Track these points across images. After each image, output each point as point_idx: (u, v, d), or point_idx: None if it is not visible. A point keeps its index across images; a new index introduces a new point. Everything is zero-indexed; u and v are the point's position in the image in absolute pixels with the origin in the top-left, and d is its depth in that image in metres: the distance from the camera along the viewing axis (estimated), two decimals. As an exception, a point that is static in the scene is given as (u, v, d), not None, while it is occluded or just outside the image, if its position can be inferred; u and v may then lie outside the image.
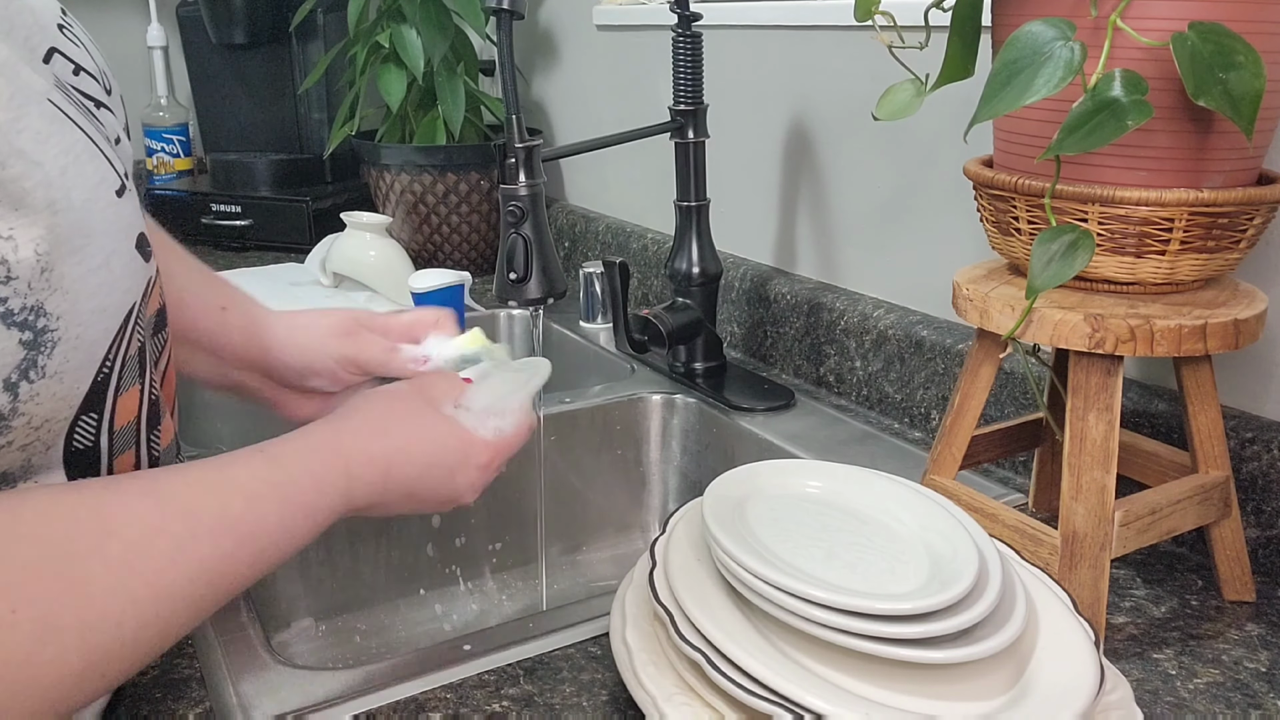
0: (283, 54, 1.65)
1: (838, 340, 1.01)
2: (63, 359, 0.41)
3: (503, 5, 0.77)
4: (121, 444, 0.48)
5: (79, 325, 0.41)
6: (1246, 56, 0.52)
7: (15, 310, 0.38)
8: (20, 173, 0.38)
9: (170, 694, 0.57)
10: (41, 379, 0.40)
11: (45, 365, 0.40)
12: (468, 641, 0.63)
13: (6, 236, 0.38)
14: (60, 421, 0.43)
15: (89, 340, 0.43)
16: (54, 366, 0.41)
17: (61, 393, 0.42)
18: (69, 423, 0.44)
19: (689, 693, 0.51)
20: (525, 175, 0.81)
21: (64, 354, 0.41)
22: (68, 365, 0.42)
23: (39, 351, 0.40)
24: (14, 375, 0.39)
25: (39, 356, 0.40)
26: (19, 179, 0.38)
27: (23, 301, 0.39)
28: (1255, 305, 0.60)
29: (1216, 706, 0.56)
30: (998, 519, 0.65)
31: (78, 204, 0.41)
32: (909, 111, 0.68)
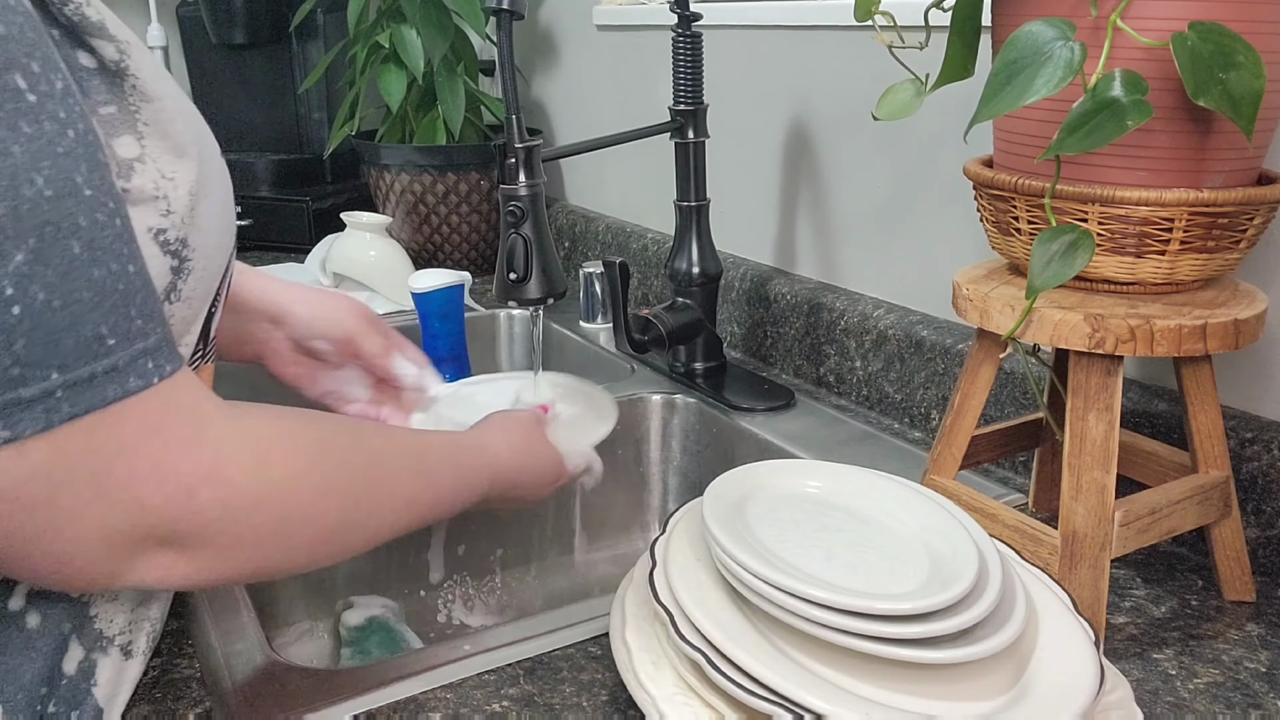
0: (283, 54, 1.65)
1: (838, 340, 1.01)
2: (193, 285, 0.50)
3: (503, 5, 0.77)
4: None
5: (206, 258, 0.51)
6: (1246, 56, 0.52)
7: (171, 240, 0.48)
8: (182, 128, 0.49)
9: (170, 694, 0.57)
10: (178, 301, 0.49)
11: (181, 289, 0.49)
12: (468, 641, 0.63)
13: (170, 177, 0.47)
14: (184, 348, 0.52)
15: (210, 272, 0.52)
16: (187, 291, 0.50)
17: (188, 317, 0.51)
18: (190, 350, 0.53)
19: (689, 693, 0.51)
20: (525, 175, 0.81)
21: (194, 281, 0.50)
22: (195, 292, 0.51)
23: (179, 277, 0.49)
24: (162, 295, 0.48)
25: (179, 281, 0.49)
26: (182, 133, 0.48)
27: (176, 233, 0.48)
28: (1255, 305, 0.60)
29: (1216, 706, 0.56)
30: (998, 519, 0.65)
31: (210, 157, 0.51)
32: (909, 111, 0.68)
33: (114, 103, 0.46)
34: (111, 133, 0.46)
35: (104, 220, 0.41)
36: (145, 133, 0.47)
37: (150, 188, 0.47)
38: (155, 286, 0.46)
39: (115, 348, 0.42)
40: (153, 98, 0.47)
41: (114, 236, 0.42)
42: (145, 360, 0.43)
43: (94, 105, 0.45)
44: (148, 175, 0.47)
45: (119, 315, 0.42)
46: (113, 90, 0.46)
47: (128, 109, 0.46)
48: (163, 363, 0.44)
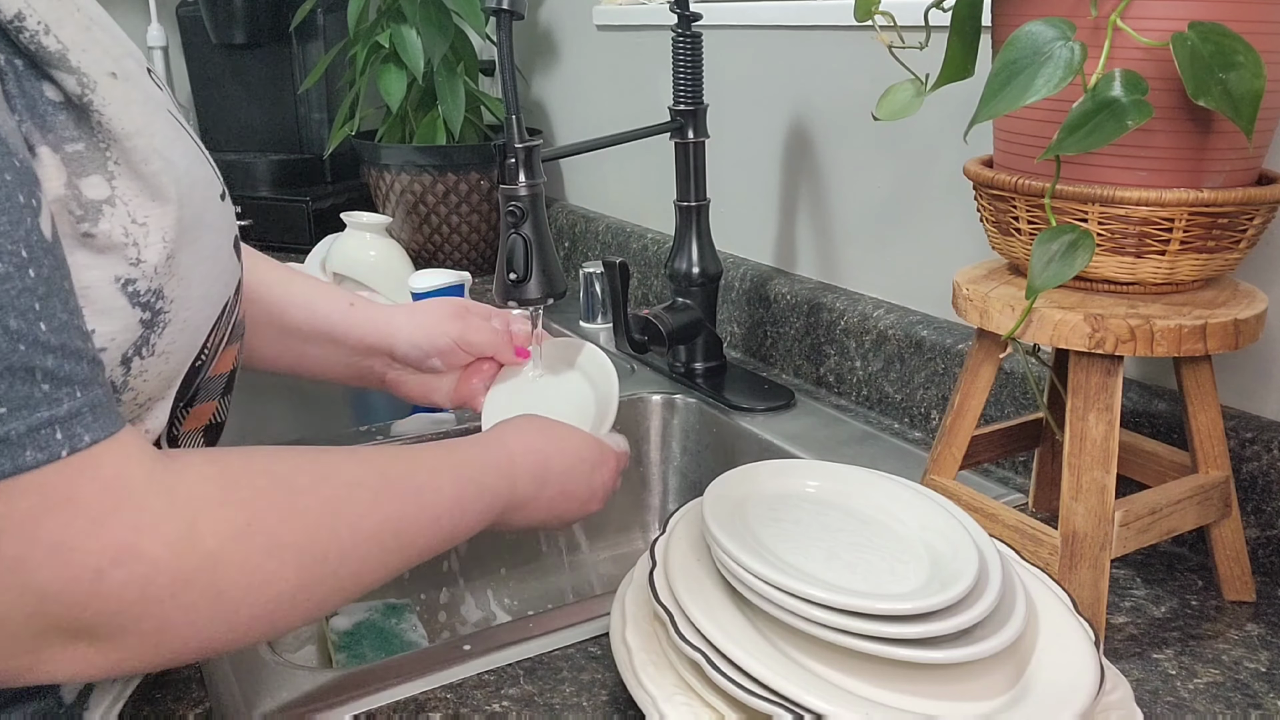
0: (283, 54, 1.65)
1: (838, 340, 1.01)
2: (170, 340, 0.46)
3: (503, 5, 0.77)
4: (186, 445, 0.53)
5: (188, 310, 0.47)
6: (1246, 56, 0.52)
7: (141, 291, 0.44)
8: (159, 169, 0.45)
9: (170, 694, 0.57)
10: (151, 356, 0.45)
11: (155, 344, 0.45)
12: (468, 641, 0.63)
13: (141, 223, 0.44)
14: (162, 403, 0.49)
15: (194, 326, 0.48)
16: (163, 346, 0.46)
17: (166, 372, 0.47)
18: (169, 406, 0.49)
19: (689, 693, 0.51)
20: (525, 175, 0.81)
21: (172, 335, 0.46)
22: (174, 346, 0.47)
23: (152, 331, 0.45)
24: (129, 350, 0.44)
25: (151, 335, 0.45)
26: (158, 174, 0.44)
27: (148, 284, 0.44)
28: (1255, 305, 0.60)
29: (1216, 706, 0.56)
30: (998, 519, 0.65)
31: (197, 200, 0.47)
32: (909, 111, 0.68)
33: (82, 139, 0.42)
34: (79, 171, 0.42)
35: (6, 272, 0.37)
36: (116, 172, 0.43)
37: (119, 234, 0.43)
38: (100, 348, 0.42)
39: (6, 417, 0.36)
40: (121, 136, 0.43)
41: (20, 290, 0.37)
42: (51, 430, 0.38)
43: (60, 141, 0.42)
44: (116, 220, 0.43)
45: (15, 380, 0.37)
46: (80, 126, 0.42)
47: (96, 146, 0.43)
48: (80, 432, 0.39)
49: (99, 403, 0.40)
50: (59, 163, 0.42)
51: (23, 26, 0.40)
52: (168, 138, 0.46)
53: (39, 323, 0.38)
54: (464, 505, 0.56)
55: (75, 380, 0.39)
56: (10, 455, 0.37)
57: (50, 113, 0.42)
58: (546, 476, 0.63)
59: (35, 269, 0.38)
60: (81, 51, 0.42)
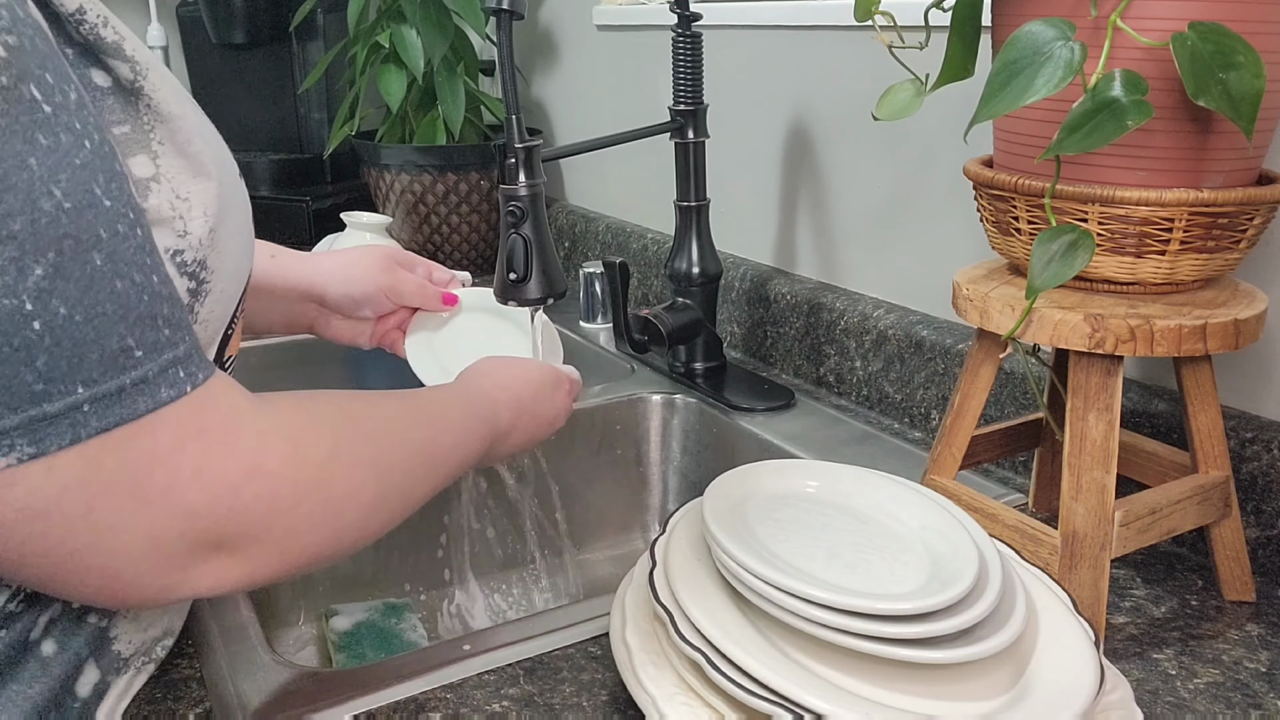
0: (283, 54, 1.65)
1: (838, 340, 1.01)
2: (210, 309, 0.50)
3: (503, 5, 0.77)
4: None
5: (224, 280, 0.50)
6: (1246, 56, 0.52)
7: (189, 262, 0.48)
8: (201, 148, 0.48)
9: (170, 694, 0.57)
10: (195, 324, 0.49)
11: (199, 312, 0.49)
12: (468, 641, 0.63)
13: (185, 198, 0.47)
14: None
15: (228, 295, 0.52)
16: (204, 314, 0.50)
17: (204, 338, 0.50)
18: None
19: (689, 693, 0.51)
20: (525, 175, 0.81)
21: (211, 304, 0.50)
22: (212, 315, 0.51)
23: (197, 300, 0.49)
24: None
25: (196, 304, 0.49)
26: (200, 153, 0.48)
27: (194, 255, 0.48)
28: (1255, 305, 0.60)
29: (1216, 706, 0.56)
30: (998, 519, 0.65)
31: (230, 179, 0.51)
32: (909, 111, 0.68)
33: (128, 121, 0.45)
34: (126, 152, 0.45)
35: (125, 231, 0.41)
36: (160, 152, 0.46)
37: (166, 208, 0.46)
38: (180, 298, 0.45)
39: (143, 359, 0.41)
40: (168, 117, 0.47)
41: (135, 248, 0.41)
42: (176, 369, 0.43)
43: (107, 124, 0.45)
44: (163, 195, 0.46)
45: (145, 327, 0.41)
46: (126, 109, 0.45)
47: (141, 128, 0.46)
48: (195, 370, 0.44)
49: (198, 346, 0.45)
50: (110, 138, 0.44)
51: (83, 19, 0.44)
52: (198, 121, 0.49)
53: (153, 274, 0.42)
54: (469, 433, 0.63)
55: (183, 325, 0.44)
56: (150, 394, 0.41)
57: (97, 98, 0.45)
58: (520, 405, 0.71)
59: (140, 228, 0.42)
60: (130, 40, 0.46)
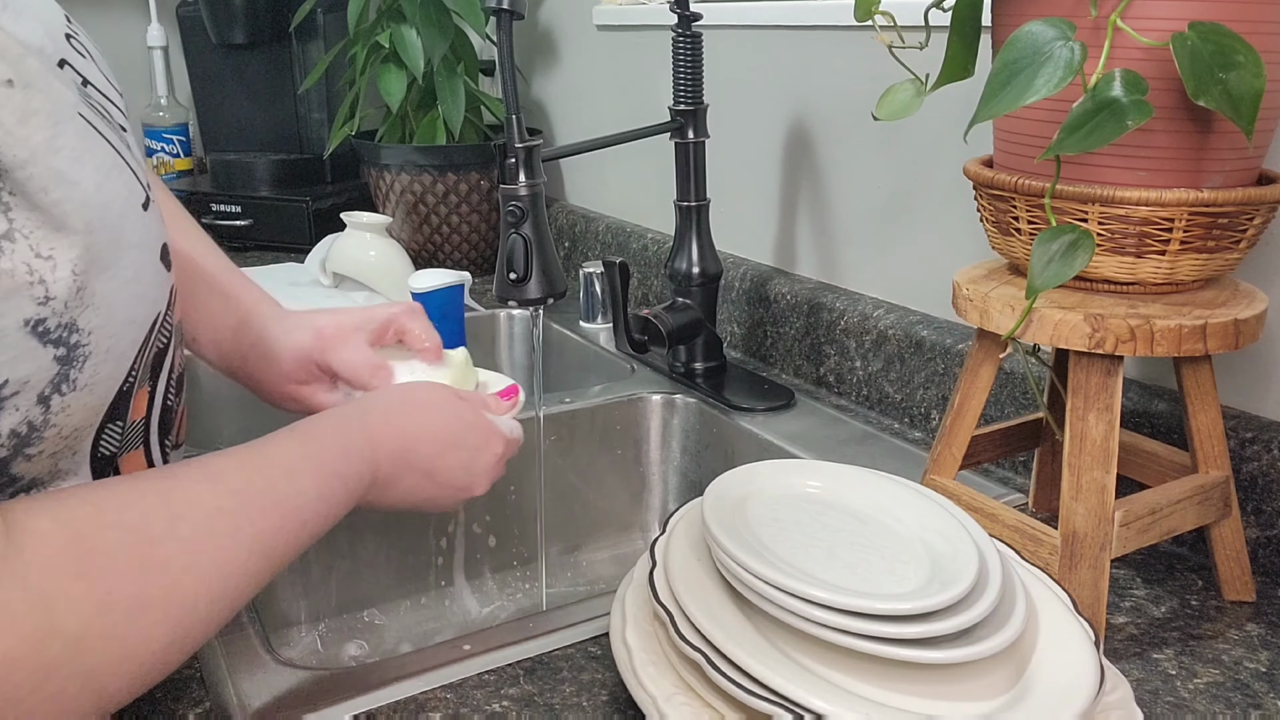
0: (283, 54, 1.65)
1: (838, 340, 1.01)
2: (93, 371, 0.43)
3: (503, 5, 0.77)
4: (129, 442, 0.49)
5: (110, 338, 0.43)
6: (1246, 56, 0.52)
7: (52, 329, 0.40)
8: (61, 196, 0.40)
9: (170, 694, 0.57)
10: (72, 391, 0.42)
11: (76, 379, 0.42)
12: (468, 641, 0.63)
13: (46, 257, 0.39)
14: (88, 429, 0.45)
15: (118, 352, 0.44)
16: (85, 379, 0.42)
17: (92, 403, 0.44)
18: (95, 430, 0.46)
19: (689, 693, 0.51)
20: (525, 175, 0.81)
21: (94, 367, 0.43)
22: (97, 377, 0.43)
23: (71, 366, 0.41)
24: (47, 389, 0.41)
25: (70, 371, 0.41)
26: (60, 203, 0.40)
27: (59, 320, 0.40)
28: (1255, 305, 0.60)
29: (1216, 706, 0.56)
30: (998, 519, 0.65)
31: (111, 221, 0.42)
32: (909, 111, 0.68)
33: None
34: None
35: None
36: (12, 204, 0.39)
37: (23, 271, 0.38)
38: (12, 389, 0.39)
39: None
40: (12, 165, 0.38)
41: None
42: None
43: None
44: (19, 256, 0.38)
45: None
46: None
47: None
48: None
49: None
50: None
51: None
52: (73, 153, 0.41)
53: None
54: (328, 501, 0.53)
55: None
56: None
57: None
58: (410, 459, 0.59)
59: None
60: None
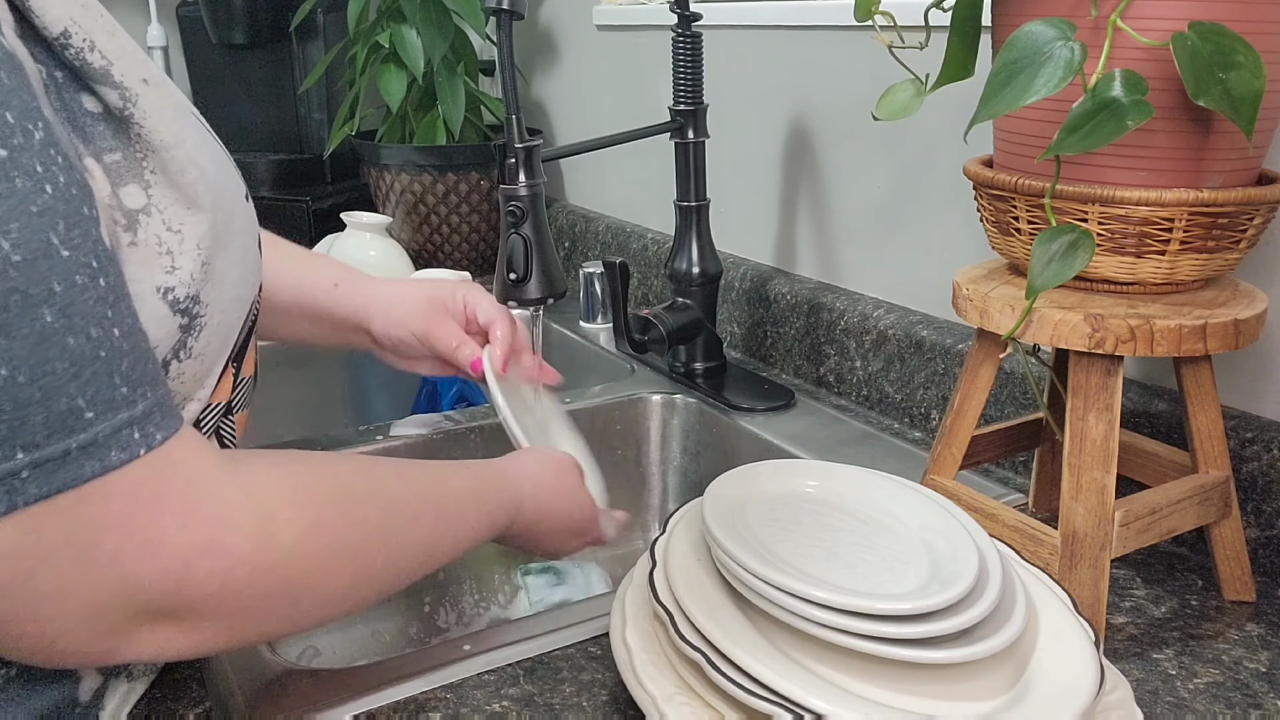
0: (283, 54, 1.65)
1: (838, 340, 1.01)
2: (205, 342, 0.48)
3: (503, 5, 0.77)
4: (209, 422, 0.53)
5: (221, 312, 0.48)
6: (1246, 56, 0.52)
7: (180, 299, 0.45)
8: (194, 178, 0.46)
9: (170, 694, 0.57)
10: (189, 359, 0.47)
11: (193, 347, 0.47)
12: (468, 641, 0.63)
13: (176, 230, 0.45)
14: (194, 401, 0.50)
15: (226, 326, 0.49)
16: (199, 348, 0.48)
17: (199, 372, 0.49)
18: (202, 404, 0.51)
19: (689, 693, 0.51)
20: (525, 175, 0.81)
21: (207, 338, 0.48)
22: (209, 348, 0.48)
23: (189, 335, 0.46)
24: (168, 355, 0.46)
25: (189, 339, 0.47)
26: (194, 184, 0.45)
27: (186, 291, 0.45)
28: (1255, 305, 0.60)
29: (1216, 706, 0.56)
30: (998, 519, 0.65)
31: (227, 205, 0.48)
32: (909, 111, 0.68)
33: (119, 149, 0.43)
34: (118, 181, 0.43)
35: (84, 283, 0.38)
36: (152, 181, 0.44)
37: (154, 243, 0.44)
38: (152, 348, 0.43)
39: (94, 420, 0.39)
40: (159, 147, 0.44)
41: (96, 299, 0.39)
42: (130, 431, 0.40)
43: (99, 151, 0.43)
44: (153, 228, 0.44)
45: (99, 385, 0.39)
46: (118, 136, 0.43)
47: (133, 156, 0.44)
48: (152, 431, 0.41)
49: (164, 401, 0.42)
50: (102, 172, 0.43)
51: (68, 44, 0.41)
52: (198, 144, 0.47)
53: (113, 328, 0.40)
54: (477, 532, 0.60)
55: (146, 380, 0.41)
56: (99, 456, 0.39)
57: (89, 124, 0.43)
58: (535, 530, 0.66)
59: (104, 277, 0.40)
60: (120, 63, 0.43)
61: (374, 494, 0.51)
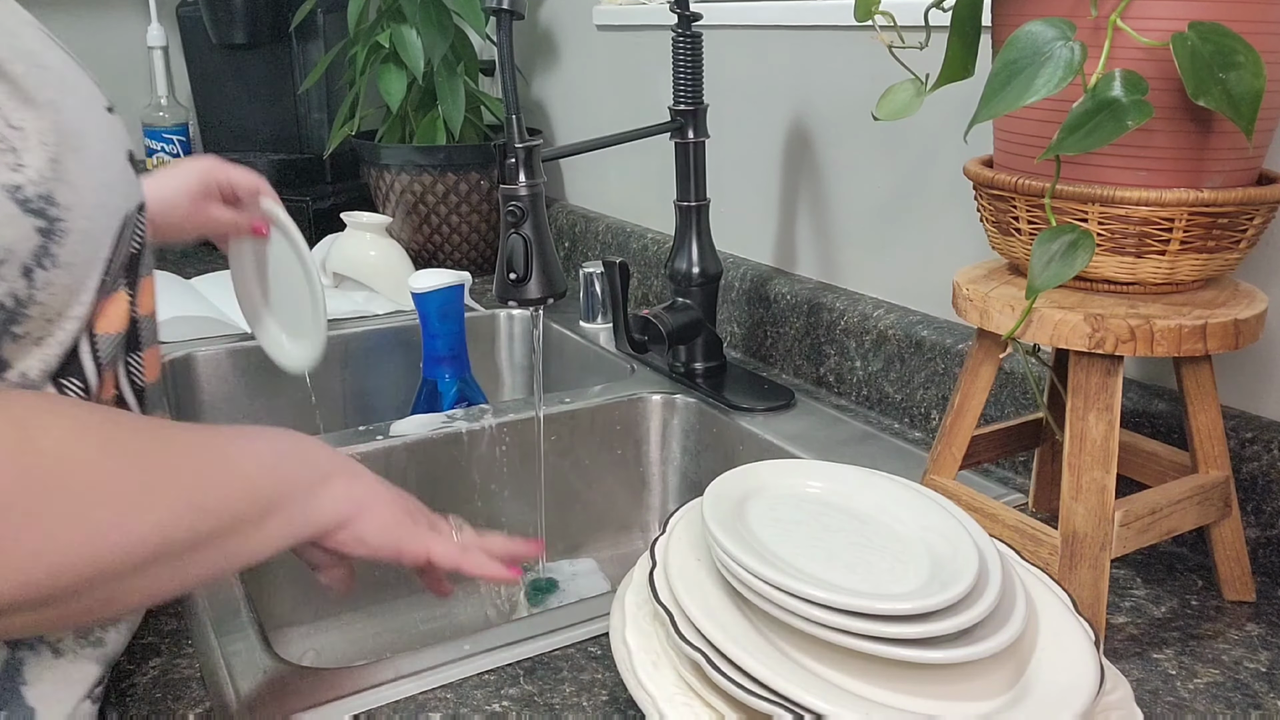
0: (283, 54, 1.65)
1: (838, 340, 1.01)
2: (72, 250, 0.45)
3: (503, 5, 0.77)
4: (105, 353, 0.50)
5: (85, 219, 0.46)
6: (1246, 56, 0.52)
7: (31, 197, 0.43)
8: (25, 70, 0.44)
9: (170, 694, 0.57)
10: (55, 267, 0.44)
11: (57, 254, 0.44)
12: (468, 641, 0.63)
13: (18, 127, 0.43)
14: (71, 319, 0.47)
15: (93, 236, 0.47)
16: (65, 256, 0.45)
17: (70, 284, 0.46)
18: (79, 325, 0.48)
19: (689, 693, 0.51)
20: (525, 175, 0.81)
21: (73, 246, 0.45)
22: (77, 257, 0.46)
23: (50, 240, 0.44)
24: (29, 261, 0.43)
25: (50, 244, 0.44)
26: (25, 75, 0.43)
27: (36, 189, 0.43)
28: (1255, 305, 0.60)
29: (1216, 706, 0.56)
30: (998, 519, 0.65)
31: (75, 107, 0.46)
32: (909, 111, 0.68)
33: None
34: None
35: None
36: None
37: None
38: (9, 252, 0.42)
39: None
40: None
41: None
42: None
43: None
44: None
45: None
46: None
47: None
48: None
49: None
50: None
51: None
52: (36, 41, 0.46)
53: None
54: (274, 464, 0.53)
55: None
56: None
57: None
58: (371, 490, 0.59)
59: None
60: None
61: (135, 432, 0.46)
